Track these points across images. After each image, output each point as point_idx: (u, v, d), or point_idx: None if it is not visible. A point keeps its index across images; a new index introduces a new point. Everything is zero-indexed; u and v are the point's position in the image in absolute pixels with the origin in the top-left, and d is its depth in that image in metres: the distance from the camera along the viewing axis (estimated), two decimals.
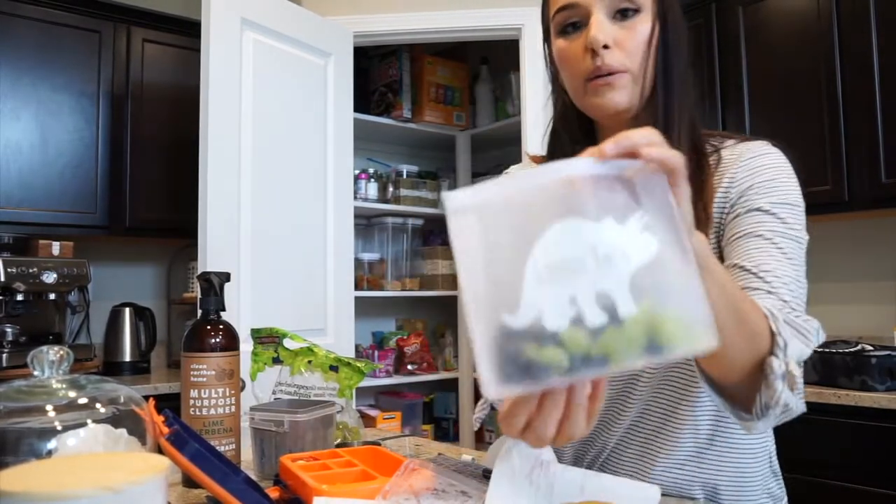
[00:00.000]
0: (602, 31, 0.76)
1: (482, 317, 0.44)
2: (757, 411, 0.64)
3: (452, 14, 2.58)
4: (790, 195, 0.78)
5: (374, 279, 3.18)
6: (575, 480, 0.71)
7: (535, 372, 0.43)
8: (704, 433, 0.80)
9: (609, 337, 0.43)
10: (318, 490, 0.63)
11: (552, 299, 0.44)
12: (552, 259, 0.44)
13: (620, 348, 0.43)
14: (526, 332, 0.44)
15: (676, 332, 0.43)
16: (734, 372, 0.64)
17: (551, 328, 0.43)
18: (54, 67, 2.31)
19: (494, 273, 0.45)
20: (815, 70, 2.06)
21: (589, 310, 0.44)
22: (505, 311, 0.44)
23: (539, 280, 0.44)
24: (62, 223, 2.33)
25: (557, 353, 0.43)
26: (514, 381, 0.44)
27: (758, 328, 0.62)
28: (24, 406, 0.59)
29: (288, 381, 1.03)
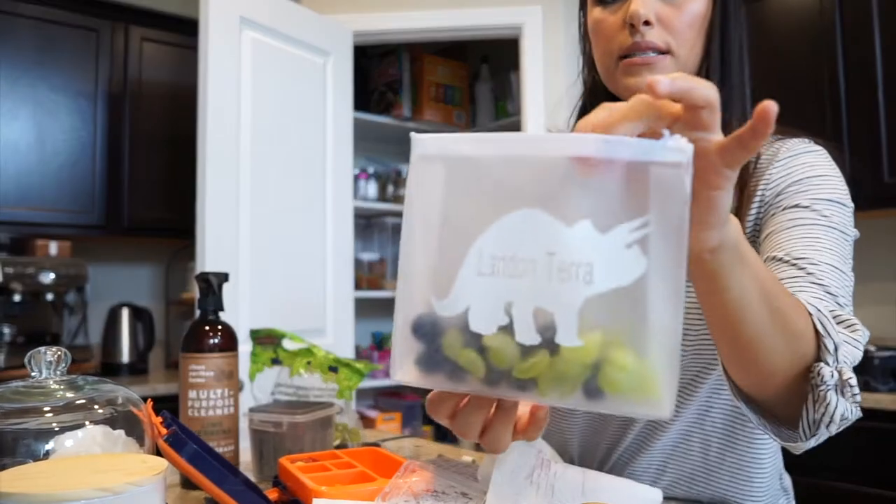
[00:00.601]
0: (645, 4, 0.68)
1: (411, 291, 0.39)
2: (805, 429, 0.54)
3: (452, 13, 2.57)
4: (834, 193, 0.68)
5: (373, 279, 3.17)
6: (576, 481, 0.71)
7: (449, 371, 0.39)
8: (715, 448, 0.79)
9: (538, 362, 0.36)
10: (317, 491, 0.63)
11: (485, 298, 0.37)
12: (500, 250, 0.37)
13: (549, 379, 0.36)
14: (450, 324, 0.38)
15: (624, 382, 0.35)
16: (772, 383, 0.54)
17: (475, 329, 0.38)
18: (52, 66, 2.31)
19: (441, 244, 0.39)
20: (818, 69, 2.05)
21: (521, 324, 0.37)
22: (435, 292, 0.38)
23: (479, 270, 0.38)
24: (60, 223, 2.32)
25: (476, 359, 0.38)
26: (426, 372, 0.39)
27: (800, 328, 0.52)
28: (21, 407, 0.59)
29: (287, 382, 1.03)
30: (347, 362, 1.02)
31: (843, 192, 0.70)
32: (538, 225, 0.36)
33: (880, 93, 1.94)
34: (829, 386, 0.52)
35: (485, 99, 3.40)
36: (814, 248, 0.63)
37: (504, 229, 0.37)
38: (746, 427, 0.78)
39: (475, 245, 0.38)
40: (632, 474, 0.82)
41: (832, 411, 0.52)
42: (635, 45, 0.69)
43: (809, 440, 0.56)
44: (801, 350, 0.52)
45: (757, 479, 0.79)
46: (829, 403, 0.52)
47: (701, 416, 0.79)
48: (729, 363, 0.55)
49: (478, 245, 0.38)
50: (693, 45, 0.71)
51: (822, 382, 0.52)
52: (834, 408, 0.52)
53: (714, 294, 0.47)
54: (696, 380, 0.77)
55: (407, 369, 0.40)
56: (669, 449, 0.80)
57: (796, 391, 0.54)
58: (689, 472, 0.80)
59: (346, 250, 2.54)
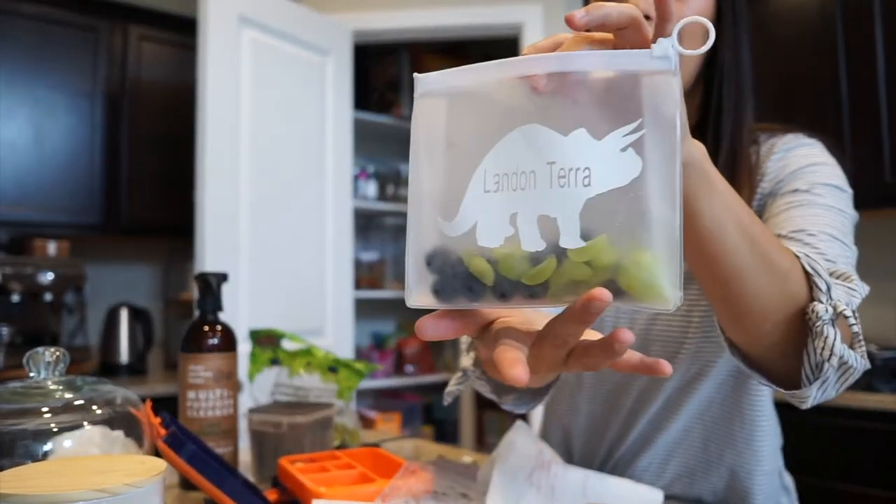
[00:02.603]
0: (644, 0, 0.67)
1: (421, 217, 0.41)
2: (808, 374, 0.53)
3: (453, 12, 2.57)
4: (831, 178, 0.68)
5: (373, 279, 3.17)
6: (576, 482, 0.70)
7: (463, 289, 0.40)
8: (715, 443, 0.79)
9: (546, 267, 0.38)
10: (316, 492, 0.63)
11: (491, 212, 0.39)
12: (503, 168, 0.39)
13: (559, 285, 0.38)
14: (459, 243, 0.40)
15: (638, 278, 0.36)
16: (764, 329, 0.53)
17: (483, 243, 0.39)
18: (50, 65, 2.30)
19: (447, 171, 0.41)
20: (819, 68, 2.05)
21: (525, 232, 0.38)
22: (444, 215, 0.40)
23: (484, 189, 0.40)
24: (58, 223, 2.32)
25: (487, 267, 0.39)
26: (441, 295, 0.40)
27: (786, 267, 0.51)
28: (19, 408, 0.59)
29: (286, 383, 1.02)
30: (347, 363, 1.01)
31: (840, 178, 0.70)
32: (537, 137, 0.38)
33: (882, 92, 1.94)
34: (825, 321, 0.51)
35: None
36: (810, 221, 0.63)
37: (505, 147, 0.39)
38: (745, 421, 0.79)
39: (480, 167, 0.40)
40: (635, 470, 0.82)
41: (831, 344, 0.50)
42: None
43: (813, 386, 0.54)
44: (789, 289, 0.52)
45: (757, 476, 0.79)
46: (828, 337, 0.51)
47: (702, 411, 0.79)
48: (718, 309, 0.55)
49: (482, 166, 0.40)
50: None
51: (818, 318, 0.51)
52: (833, 341, 0.51)
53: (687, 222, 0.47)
54: (697, 378, 0.78)
55: (422, 295, 0.41)
56: (672, 444, 0.81)
57: (793, 343, 0.53)
58: (690, 467, 0.80)
59: (346, 250, 2.53)
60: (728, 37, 0.72)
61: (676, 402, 0.80)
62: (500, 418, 3.21)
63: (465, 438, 3.28)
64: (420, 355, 3.23)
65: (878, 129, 1.94)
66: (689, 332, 0.76)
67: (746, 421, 0.79)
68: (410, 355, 3.20)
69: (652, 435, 0.81)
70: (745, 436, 0.79)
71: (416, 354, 3.21)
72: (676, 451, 0.81)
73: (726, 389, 0.78)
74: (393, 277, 3.24)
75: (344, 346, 2.47)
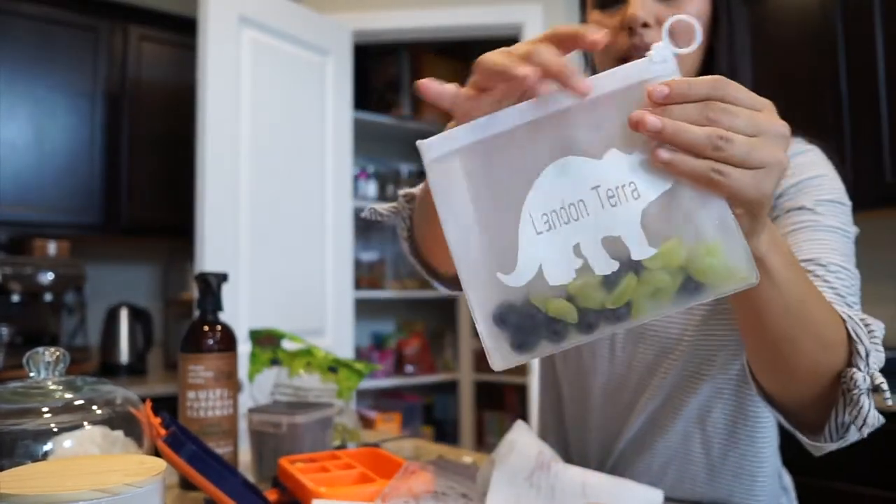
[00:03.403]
0: (643, 7, 0.67)
1: (477, 282, 0.40)
2: (831, 432, 0.56)
3: (453, 12, 2.57)
4: (832, 193, 0.70)
5: (373, 279, 3.17)
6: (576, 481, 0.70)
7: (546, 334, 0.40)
8: (717, 449, 0.79)
9: (628, 285, 0.38)
10: (316, 492, 0.63)
11: (553, 250, 0.39)
12: (548, 206, 0.39)
13: (643, 297, 0.39)
14: (526, 291, 0.40)
15: (713, 266, 0.38)
16: (800, 388, 0.55)
17: (555, 282, 0.39)
18: (50, 65, 2.30)
19: (485, 229, 0.41)
20: (819, 68, 2.05)
21: (595, 258, 0.39)
22: (501, 270, 0.40)
23: (536, 231, 0.40)
24: (58, 223, 2.31)
25: (566, 306, 0.39)
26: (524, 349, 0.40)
27: (834, 339, 0.54)
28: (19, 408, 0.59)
29: (286, 383, 1.02)
30: (347, 363, 1.01)
31: (840, 191, 0.72)
32: (573, 168, 0.40)
33: (882, 92, 1.93)
34: (862, 390, 0.53)
35: None
36: (820, 249, 0.65)
37: (543, 186, 0.40)
38: (748, 426, 0.78)
39: (523, 212, 0.40)
40: (633, 473, 0.82)
41: (865, 414, 0.53)
42: (633, 46, 0.69)
43: (833, 443, 0.57)
44: (833, 358, 0.54)
45: (759, 478, 0.79)
46: (862, 407, 0.53)
47: (702, 416, 0.79)
48: (759, 365, 0.58)
49: (525, 210, 0.40)
50: None
51: (856, 386, 0.53)
52: (867, 411, 0.53)
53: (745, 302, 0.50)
54: (696, 375, 0.77)
55: (505, 356, 0.41)
56: (671, 451, 0.80)
57: (821, 395, 0.55)
58: (691, 473, 0.79)
59: (346, 250, 2.53)
60: (723, 40, 0.72)
61: (675, 403, 0.79)
62: (499, 418, 3.21)
63: (465, 438, 3.28)
64: (420, 355, 3.23)
65: (878, 129, 1.94)
66: (688, 330, 0.76)
67: (749, 426, 0.78)
68: (410, 355, 3.20)
69: (651, 435, 0.80)
70: (747, 441, 0.78)
71: (416, 354, 3.21)
72: (676, 456, 0.80)
73: (727, 394, 0.78)
74: (392, 277, 3.24)
75: (344, 346, 2.47)
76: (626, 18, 0.69)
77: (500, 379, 3.11)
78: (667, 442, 0.80)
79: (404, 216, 0.66)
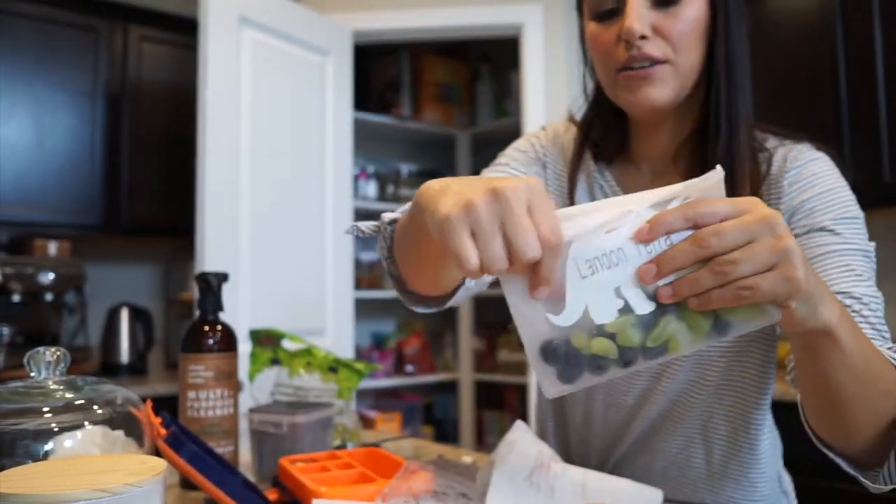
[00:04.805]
0: (639, 19, 0.67)
1: (529, 320, 0.45)
2: (891, 473, 0.58)
3: (453, 12, 2.57)
4: (847, 208, 0.71)
5: (373, 279, 3.17)
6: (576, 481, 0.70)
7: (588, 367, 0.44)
8: (718, 456, 0.78)
9: (667, 324, 0.43)
10: (316, 492, 0.63)
11: (597, 292, 0.44)
12: (589, 254, 0.44)
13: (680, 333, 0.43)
14: (574, 330, 0.44)
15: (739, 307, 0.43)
16: (860, 437, 0.58)
17: (599, 321, 0.44)
18: (51, 65, 2.30)
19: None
20: (818, 68, 2.05)
21: (635, 299, 0.43)
22: (551, 311, 0.44)
23: (581, 275, 0.44)
24: (59, 223, 2.32)
25: (607, 344, 0.44)
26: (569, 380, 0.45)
27: (889, 389, 0.56)
28: (20, 407, 0.59)
29: (286, 383, 1.03)
30: (347, 363, 1.02)
31: (854, 203, 0.73)
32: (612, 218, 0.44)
33: (881, 93, 1.93)
34: None
35: (485, 98, 3.40)
36: (851, 279, 0.66)
37: (585, 237, 0.44)
38: (749, 433, 0.78)
39: (568, 260, 0.44)
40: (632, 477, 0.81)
41: None
42: (632, 58, 0.69)
43: (890, 486, 0.59)
44: (889, 408, 0.56)
45: (760, 484, 0.79)
46: None
47: (704, 422, 0.78)
48: (819, 422, 0.60)
49: (571, 258, 0.44)
50: (692, 50, 0.70)
51: None
52: None
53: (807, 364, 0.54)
54: (699, 382, 0.77)
55: (553, 386, 0.46)
56: (672, 456, 0.80)
57: (880, 439, 0.58)
58: (691, 479, 0.79)
59: (346, 250, 2.53)
60: (721, 45, 0.71)
61: (678, 409, 0.79)
62: (499, 418, 3.21)
63: (465, 438, 3.28)
64: (420, 355, 3.23)
65: (878, 130, 1.94)
66: None
67: (750, 433, 0.78)
68: (410, 355, 3.20)
69: (652, 440, 0.80)
70: (748, 448, 0.78)
71: (416, 354, 3.21)
72: (677, 461, 0.80)
73: (728, 402, 0.77)
74: None
75: (344, 346, 2.47)
76: (622, 31, 0.68)
77: (499, 379, 3.11)
78: (668, 447, 0.79)
79: (385, 236, 0.67)
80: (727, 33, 0.71)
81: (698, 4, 0.70)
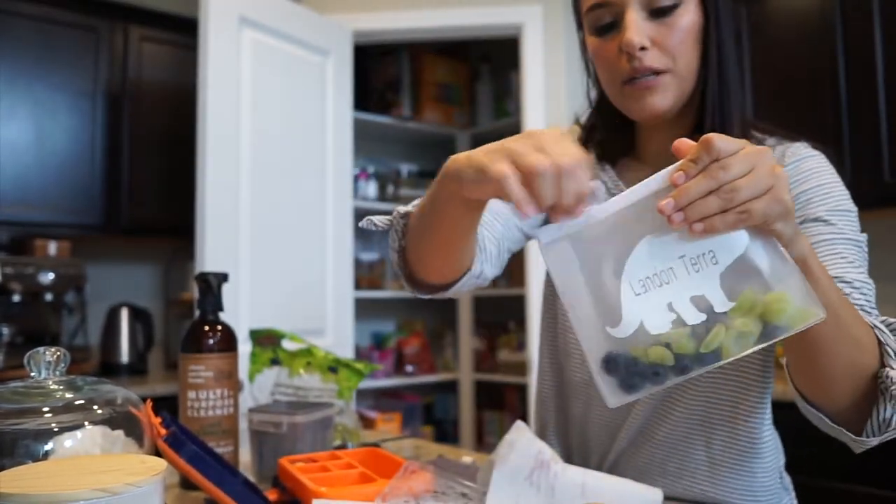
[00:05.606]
0: (638, 32, 0.71)
1: (590, 335, 0.50)
2: (872, 429, 0.62)
3: (453, 12, 2.57)
4: (841, 202, 0.74)
5: (373, 279, 3.17)
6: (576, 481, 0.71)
7: (647, 376, 0.48)
8: (718, 443, 0.79)
9: (718, 332, 0.47)
10: (316, 492, 0.63)
11: (650, 308, 0.49)
12: (642, 273, 0.50)
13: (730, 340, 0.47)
14: (631, 341, 0.49)
15: (785, 310, 0.47)
16: (839, 390, 0.61)
17: (655, 332, 0.48)
18: (51, 66, 2.30)
19: (593, 293, 0.51)
20: (818, 69, 2.05)
21: (686, 312, 0.48)
22: (609, 325, 0.49)
23: (634, 293, 0.49)
24: (59, 223, 2.32)
25: (663, 351, 0.48)
26: (629, 389, 0.49)
27: (864, 341, 0.60)
28: (20, 407, 0.59)
29: (286, 383, 1.03)
30: (347, 363, 1.02)
31: (849, 198, 0.76)
32: (661, 243, 0.50)
33: (881, 93, 1.93)
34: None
35: (485, 98, 3.40)
36: (843, 265, 0.70)
37: (637, 258, 0.50)
38: (749, 422, 0.79)
39: (623, 280, 0.50)
40: (635, 466, 0.82)
41: None
42: (634, 70, 0.73)
43: (875, 438, 0.62)
44: (865, 360, 0.60)
45: (759, 475, 0.79)
46: None
47: (703, 411, 0.79)
48: (800, 373, 0.64)
49: (625, 279, 0.50)
50: (689, 56, 0.75)
51: (893, 383, 0.59)
52: None
53: None
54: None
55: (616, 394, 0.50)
56: (672, 445, 0.80)
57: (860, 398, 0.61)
58: (691, 468, 0.80)
59: (346, 250, 2.53)
60: (713, 50, 0.75)
61: (676, 397, 0.80)
62: (499, 418, 3.21)
63: (465, 438, 3.28)
64: (420, 355, 3.23)
65: (878, 129, 1.94)
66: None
67: (749, 422, 0.79)
68: (410, 355, 3.20)
69: (651, 430, 0.81)
70: (747, 437, 0.79)
71: (416, 354, 3.21)
72: (677, 450, 0.80)
73: (728, 390, 0.78)
74: (392, 277, 3.24)
75: (344, 346, 2.47)
76: (623, 44, 0.72)
77: (499, 379, 3.12)
78: (667, 436, 0.80)
79: (397, 229, 0.72)
80: (718, 37, 0.76)
81: (692, 12, 0.74)
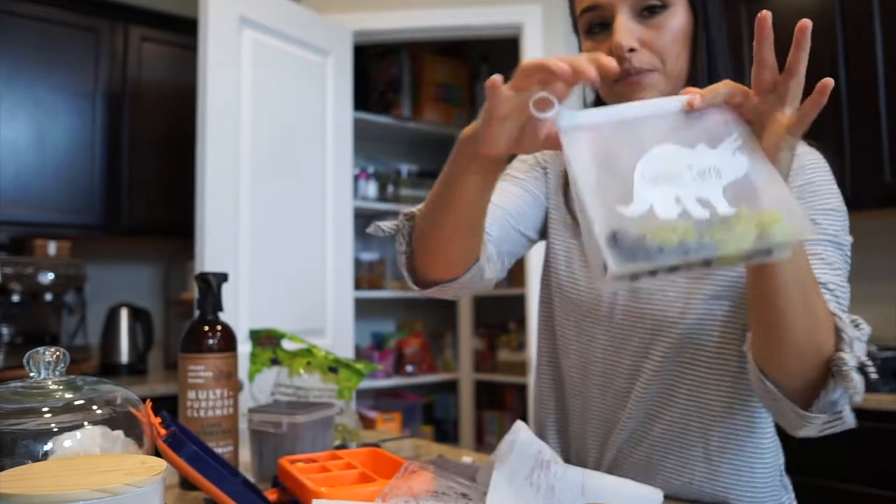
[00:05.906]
0: (626, 34, 0.74)
1: (599, 205, 0.52)
2: (819, 406, 0.63)
3: (452, 12, 2.57)
4: (830, 200, 0.75)
5: (373, 279, 3.17)
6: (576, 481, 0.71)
7: (650, 250, 0.50)
8: (716, 439, 0.79)
9: (718, 228, 0.51)
10: (316, 492, 0.63)
11: (660, 197, 0.52)
12: (655, 171, 0.53)
13: (730, 238, 0.50)
14: (639, 220, 0.51)
15: (778, 225, 0.51)
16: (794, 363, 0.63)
17: (662, 216, 0.51)
18: (51, 66, 2.30)
19: (606, 176, 0.54)
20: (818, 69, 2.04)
21: (693, 207, 0.52)
22: (619, 203, 0.52)
23: (646, 184, 0.53)
24: (59, 223, 2.32)
25: (669, 233, 0.51)
26: (631, 258, 0.50)
27: (823, 317, 0.62)
28: (20, 408, 0.59)
29: (286, 383, 1.03)
30: (347, 363, 1.02)
31: (838, 198, 0.77)
32: (672, 152, 0.55)
33: (881, 93, 1.93)
34: (851, 367, 0.61)
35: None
36: (819, 267, 0.71)
37: (652, 157, 0.54)
38: (746, 418, 0.79)
39: (636, 172, 0.53)
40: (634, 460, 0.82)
41: (856, 385, 0.61)
42: (625, 71, 0.75)
43: (819, 417, 0.64)
44: (822, 337, 0.62)
45: (759, 471, 0.79)
46: (853, 380, 0.61)
47: (699, 406, 0.79)
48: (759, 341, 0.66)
49: (638, 171, 0.54)
50: (678, 56, 0.77)
51: (845, 364, 0.61)
52: (857, 383, 0.61)
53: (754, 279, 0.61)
54: (691, 363, 0.79)
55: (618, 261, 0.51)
56: (669, 441, 0.80)
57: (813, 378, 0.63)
58: (690, 465, 0.80)
59: (346, 250, 2.54)
60: (702, 51, 0.78)
61: (671, 391, 0.80)
62: (499, 418, 3.21)
63: (465, 438, 3.28)
64: (420, 355, 3.23)
65: (878, 130, 1.94)
66: (687, 315, 0.78)
67: (747, 417, 0.79)
68: (410, 355, 3.20)
69: (648, 424, 0.81)
70: (745, 433, 0.79)
71: (416, 354, 3.21)
72: (675, 446, 0.80)
73: (724, 385, 0.78)
74: (392, 277, 3.24)
75: (344, 346, 2.47)
76: (612, 46, 0.75)
77: (499, 379, 3.12)
78: (664, 432, 0.81)
79: (404, 233, 0.75)
80: (708, 40, 0.78)
81: (681, 14, 0.76)
